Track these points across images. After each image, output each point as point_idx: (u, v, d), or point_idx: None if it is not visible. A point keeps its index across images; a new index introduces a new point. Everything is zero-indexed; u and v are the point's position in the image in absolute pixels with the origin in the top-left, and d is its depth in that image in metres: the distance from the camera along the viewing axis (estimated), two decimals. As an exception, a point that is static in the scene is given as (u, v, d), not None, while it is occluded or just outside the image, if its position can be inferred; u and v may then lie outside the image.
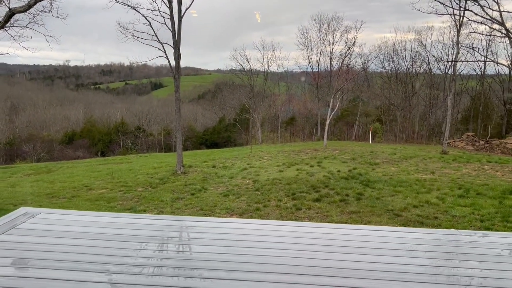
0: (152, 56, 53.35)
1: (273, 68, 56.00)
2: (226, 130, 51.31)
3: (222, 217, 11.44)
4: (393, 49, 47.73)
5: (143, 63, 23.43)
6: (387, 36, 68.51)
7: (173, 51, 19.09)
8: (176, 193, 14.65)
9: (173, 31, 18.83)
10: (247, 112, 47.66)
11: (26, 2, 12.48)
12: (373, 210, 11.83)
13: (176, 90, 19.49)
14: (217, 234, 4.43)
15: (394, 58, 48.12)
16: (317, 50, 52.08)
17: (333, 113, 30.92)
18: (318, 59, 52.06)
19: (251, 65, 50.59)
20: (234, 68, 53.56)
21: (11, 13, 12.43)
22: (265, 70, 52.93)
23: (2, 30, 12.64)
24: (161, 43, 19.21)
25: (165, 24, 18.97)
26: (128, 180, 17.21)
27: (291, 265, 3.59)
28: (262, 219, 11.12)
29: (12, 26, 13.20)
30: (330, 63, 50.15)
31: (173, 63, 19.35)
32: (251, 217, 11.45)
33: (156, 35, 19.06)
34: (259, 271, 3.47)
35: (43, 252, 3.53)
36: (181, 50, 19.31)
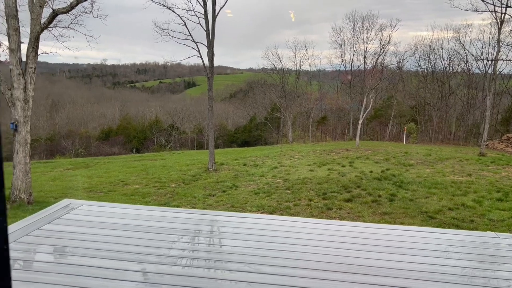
0: (186, 55, 54.12)
1: (305, 67, 55.57)
2: (257, 129, 51.47)
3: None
4: (430, 47, 46.37)
5: (177, 62, 23.92)
6: (424, 34, 66.74)
7: (206, 50, 19.38)
8: (208, 189, 14.89)
9: (207, 30, 19.10)
10: (278, 111, 47.62)
11: (69, 4, 13.04)
12: (406, 211, 11.60)
13: (209, 89, 19.76)
14: (247, 229, 4.51)
15: (431, 56, 46.76)
16: (351, 48, 51.30)
17: (366, 112, 30.44)
18: (351, 57, 51.30)
19: (283, 64, 50.42)
20: (266, 67, 53.56)
21: (54, 14, 13.01)
22: (297, 69, 52.64)
23: (46, 30, 13.25)
24: (195, 43, 19.55)
25: (200, 24, 19.28)
26: (162, 176, 17.61)
27: (322, 262, 3.61)
28: (293, 217, 11.14)
29: (55, 27, 13.82)
30: (364, 62, 49.32)
31: (206, 62, 19.65)
32: (281, 215, 11.49)
33: (190, 35, 19.43)
34: (288, 266, 3.52)
35: (84, 241, 3.72)
36: (214, 49, 19.57)
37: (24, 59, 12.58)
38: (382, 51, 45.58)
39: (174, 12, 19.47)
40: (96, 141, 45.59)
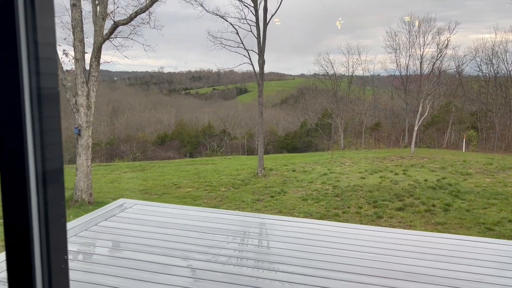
0: (238, 62, 55.11)
1: (358, 72, 54.51)
2: (308, 135, 51.17)
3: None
4: (492, 51, 43.80)
5: (229, 69, 24.51)
6: (485, 37, 63.12)
7: (257, 57, 19.69)
8: (256, 194, 15.07)
9: (258, 38, 19.43)
10: (329, 117, 47.11)
11: (128, 16, 13.85)
12: (461, 222, 11.07)
13: (259, 95, 20.04)
14: (294, 232, 4.58)
15: (493, 60, 44.15)
16: (406, 53, 49.66)
17: (422, 119, 29.34)
18: (407, 62, 49.65)
19: (335, 69, 49.86)
20: (317, 73, 53.21)
21: (115, 26, 13.87)
22: (350, 74, 51.83)
23: (107, 41, 14.16)
24: (247, 50, 19.94)
25: (251, 32, 19.67)
26: (213, 180, 18.06)
27: (365, 267, 3.61)
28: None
29: (115, 37, 14.73)
30: (420, 67, 47.54)
31: (257, 69, 19.95)
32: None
33: (242, 43, 19.86)
34: (332, 269, 3.55)
35: (136, 237, 3.98)
36: (266, 56, 19.84)
37: (87, 68, 13.50)
38: (439, 55, 43.75)
39: (227, 21, 20.03)
40: (152, 145, 47.49)
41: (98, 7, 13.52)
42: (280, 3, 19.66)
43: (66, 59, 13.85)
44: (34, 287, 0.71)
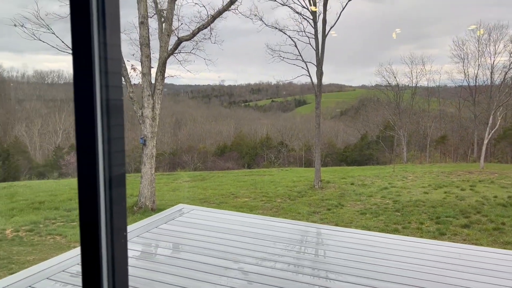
0: (296, 74, 55.29)
1: (423, 83, 52.35)
2: (368, 148, 49.85)
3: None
4: None
5: (288, 81, 24.81)
6: None
7: (316, 69, 19.73)
8: (312, 206, 14.99)
9: (316, 50, 19.49)
10: (391, 130, 45.65)
11: (191, 32, 14.57)
12: (536, 243, 10.25)
13: (317, 107, 20.01)
14: (351, 243, 4.59)
15: None
16: (475, 62, 46.99)
17: (492, 132, 27.56)
18: (475, 72, 46.96)
19: (397, 80, 48.38)
20: (379, 84, 51.91)
21: (179, 42, 14.66)
22: (414, 85, 49.97)
23: (171, 56, 14.97)
24: (305, 62, 20.07)
25: (310, 44, 19.78)
26: (269, 191, 18.23)
27: (421, 279, 3.54)
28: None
29: (179, 52, 15.54)
30: (491, 77, 44.70)
31: (315, 80, 19.98)
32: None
33: (300, 55, 20.04)
34: (387, 280, 3.53)
35: (193, 240, 4.21)
36: (325, 67, 19.83)
37: (153, 81, 14.35)
38: (513, 64, 40.89)
39: (285, 34, 20.34)
40: (212, 156, 48.77)
41: (164, 24, 14.37)
42: (340, 14, 19.64)
43: (134, 74, 14.81)
44: (101, 271, 0.87)
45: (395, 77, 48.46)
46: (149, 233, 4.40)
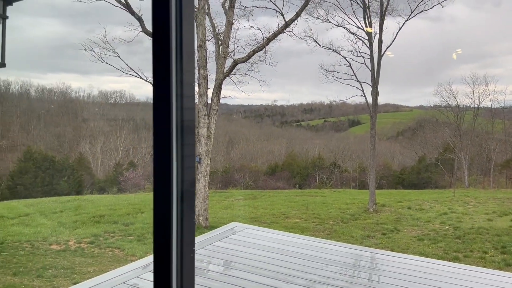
0: (350, 94, 54.66)
1: (486, 104, 49.63)
2: (426, 171, 47.69)
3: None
4: None
5: (341, 101, 24.57)
6: None
7: (371, 89, 19.43)
8: (366, 230, 14.54)
9: (372, 70, 19.22)
10: (451, 152, 43.51)
11: (246, 54, 14.99)
12: None
13: (372, 128, 19.60)
14: (407, 270, 4.41)
15: None
16: (546, 81, 43.98)
17: None
18: (546, 92, 43.86)
19: (458, 100, 46.24)
20: (438, 104, 49.86)
21: (235, 64, 15.11)
22: (476, 105, 47.51)
23: (227, 77, 15.44)
24: (360, 82, 19.84)
25: (365, 64, 19.56)
26: (321, 213, 17.93)
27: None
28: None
29: (235, 74, 15.99)
30: None
31: (370, 100, 19.65)
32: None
33: (355, 75, 19.85)
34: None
35: (246, 259, 4.25)
36: (380, 87, 19.49)
37: (209, 102, 14.81)
38: None
39: (340, 54, 20.27)
40: (263, 175, 48.93)
41: (220, 47, 14.90)
42: (396, 34, 19.32)
43: (191, 95, 15.33)
44: (171, 285, 0.93)
45: (455, 98, 46.33)
46: (204, 250, 4.50)
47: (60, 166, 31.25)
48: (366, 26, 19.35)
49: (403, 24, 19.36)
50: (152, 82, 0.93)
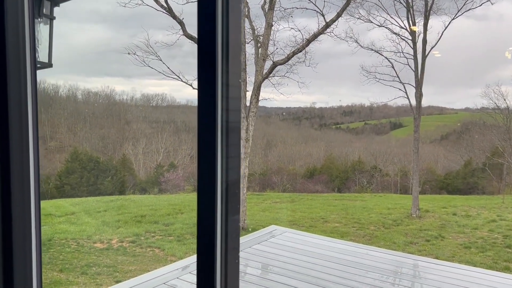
0: (392, 96, 53.26)
1: (539, 106, 46.84)
2: (473, 176, 45.56)
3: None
4: None
5: (383, 103, 23.92)
6: None
7: (414, 91, 18.82)
8: (409, 237, 14.07)
9: (415, 70, 18.63)
10: (500, 156, 41.38)
11: (285, 56, 14.93)
12: None
13: (415, 130, 18.97)
14: (452, 279, 4.20)
15: None
16: None
17: None
18: None
19: (507, 102, 43.90)
20: (485, 106, 47.60)
21: (274, 66, 15.08)
22: (527, 108, 44.91)
23: (266, 79, 15.44)
24: (403, 84, 19.27)
25: (408, 65, 19.00)
26: (361, 218, 17.53)
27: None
28: None
29: (273, 76, 15.96)
30: None
31: (413, 102, 19.04)
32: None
33: (398, 76, 19.31)
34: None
35: (284, 263, 4.19)
36: (424, 89, 18.86)
37: (247, 104, 14.87)
38: None
39: (382, 55, 19.79)
40: (301, 178, 48.52)
41: (260, 50, 14.92)
42: (441, 34, 18.62)
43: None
44: (215, 276, 0.91)
45: (504, 99, 44.02)
46: (243, 253, 4.49)
47: (104, 166, 32.41)
48: (410, 26, 18.79)
49: (449, 23, 18.65)
50: (192, 85, 0.92)
